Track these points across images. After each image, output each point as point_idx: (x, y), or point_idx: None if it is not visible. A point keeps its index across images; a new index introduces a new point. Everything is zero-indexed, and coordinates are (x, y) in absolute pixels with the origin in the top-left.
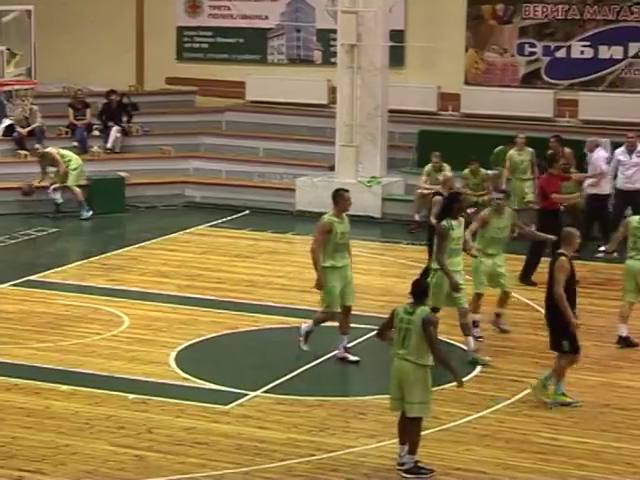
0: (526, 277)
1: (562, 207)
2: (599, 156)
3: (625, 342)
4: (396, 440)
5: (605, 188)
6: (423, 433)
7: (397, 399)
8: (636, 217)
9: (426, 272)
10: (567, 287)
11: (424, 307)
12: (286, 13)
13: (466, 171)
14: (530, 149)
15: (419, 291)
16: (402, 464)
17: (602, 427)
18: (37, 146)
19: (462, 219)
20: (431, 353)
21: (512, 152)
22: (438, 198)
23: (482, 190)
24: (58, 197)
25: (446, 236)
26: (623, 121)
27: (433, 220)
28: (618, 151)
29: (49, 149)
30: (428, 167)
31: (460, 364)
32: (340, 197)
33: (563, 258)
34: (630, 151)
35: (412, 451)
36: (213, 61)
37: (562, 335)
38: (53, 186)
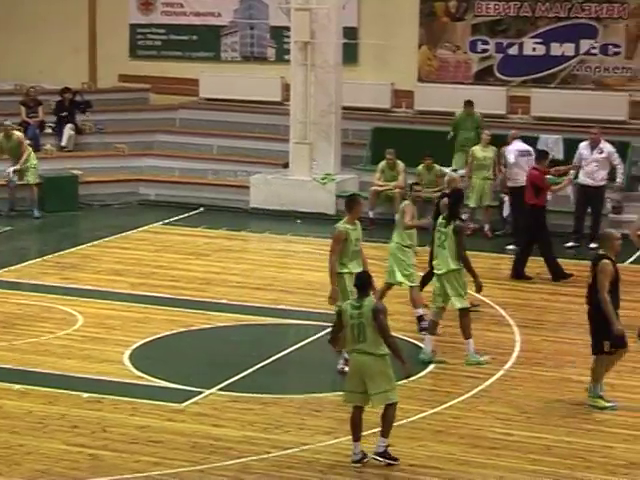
0: (519, 273)
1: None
2: (510, 149)
3: None
4: (351, 437)
5: (519, 181)
6: (378, 429)
7: (357, 392)
8: None
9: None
10: (611, 289)
11: (370, 298)
12: (239, 10)
13: (420, 167)
14: (494, 147)
15: (362, 283)
16: (357, 461)
17: (555, 422)
18: (7, 123)
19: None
20: (384, 340)
21: (476, 148)
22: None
23: (436, 186)
24: (15, 180)
25: (463, 233)
26: (575, 117)
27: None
28: (582, 145)
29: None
30: (382, 164)
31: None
32: (355, 203)
33: (605, 261)
34: (592, 147)
35: (385, 435)
36: (166, 59)
37: (604, 336)
38: (13, 168)
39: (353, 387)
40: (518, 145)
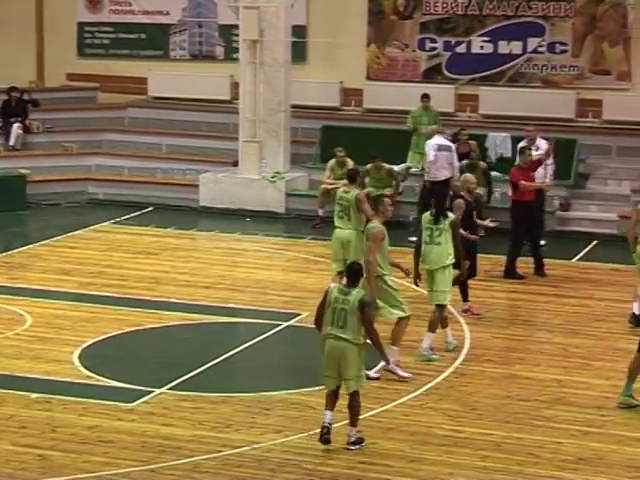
0: (511, 272)
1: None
2: (430, 143)
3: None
4: (301, 435)
5: (438, 175)
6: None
7: (333, 377)
8: None
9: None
10: None
11: (358, 289)
12: (188, 9)
13: (369, 166)
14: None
15: (353, 273)
16: (327, 427)
17: (504, 418)
18: None
19: None
20: (367, 333)
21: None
22: (460, 201)
23: (385, 185)
24: None
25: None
26: (522, 115)
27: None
28: (520, 144)
29: None
30: (331, 162)
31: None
32: (381, 204)
33: None
34: (529, 145)
35: (355, 424)
36: (115, 57)
37: None
38: None
39: (330, 372)
40: (438, 140)
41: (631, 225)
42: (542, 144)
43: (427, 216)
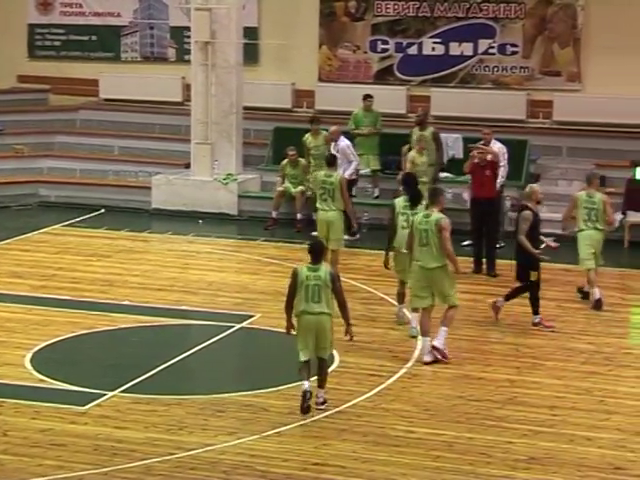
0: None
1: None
2: (345, 144)
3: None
4: (254, 437)
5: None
6: (282, 429)
7: (309, 349)
8: (583, 192)
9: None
10: None
11: (324, 264)
12: (139, 10)
13: (284, 162)
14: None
15: (317, 250)
16: (308, 392)
17: (456, 419)
18: None
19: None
20: (339, 303)
21: (413, 154)
22: (527, 213)
23: (301, 182)
24: None
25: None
26: (474, 116)
27: (521, 237)
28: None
29: None
30: (284, 162)
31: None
32: (440, 194)
33: None
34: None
35: (323, 386)
36: (66, 59)
37: None
38: None
39: (309, 344)
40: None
41: (568, 209)
42: (496, 146)
43: (401, 202)
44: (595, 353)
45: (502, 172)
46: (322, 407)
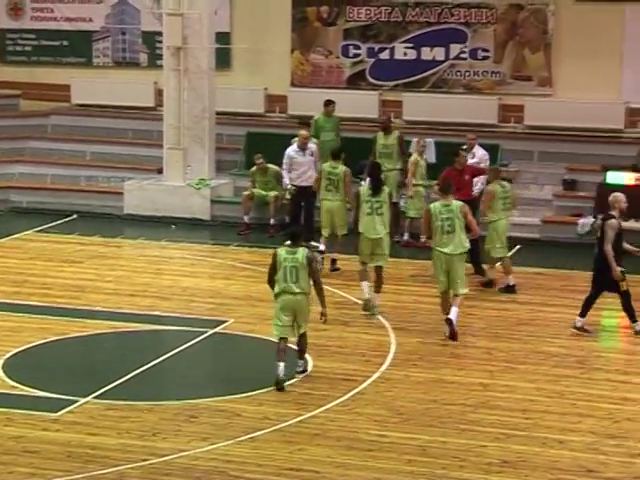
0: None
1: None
2: (313, 148)
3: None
4: (228, 442)
5: (297, 181)
6: (256, 434)
7: (286, 325)
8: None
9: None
10: None
11: (302, 247)
12: (111, 15)
13: (253, 169)
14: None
15: (296, 235)
16: (281, 380)
17: (429, 422)
18: None
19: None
20: (315, 283)
21: (416, 157)
22: (614, 222)
23: (272, 188)
24: None
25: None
26: (446, 121)
27: (608, 247)
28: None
29: None
30: (252, 169)
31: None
32: (450, 185)
33: None
34: (468, 152)
35: (302, 357)
36: (37, 64)
37: None
38: None
39: (285, 322)
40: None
41: (486, 201)
42: (479, 152)
43: (365, 189)
44: (567, 356)
45: (482, 179)
46: (301, 375)
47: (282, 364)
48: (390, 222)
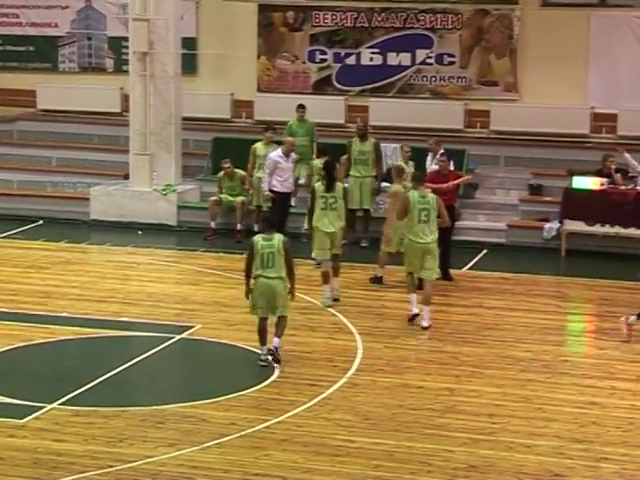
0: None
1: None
2: (294, 156)
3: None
4: (195, 448)
5: (278, 187)
6: (223, 440)
7: (264, 307)
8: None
9: None
10: None
11: (278, 234)
12: (77, 21)
13: (221, 174)
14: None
15: (270, 223)
16: (264, 360)
17: (396, 427)
18: None
19: None
20: (288, 267)
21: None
22: None
23: (239, 193)
24: None
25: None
26: (412, 126)
27: None
28: (428, 157)
29: None
30: (220, 175)
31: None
32: (424, 176)
33: None
34: (432, 157)
35: (279, 335)
36: (2, 70)
37: None
38: None
39: (263, 304)
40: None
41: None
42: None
43: (320, 186)
44: (533, 361)
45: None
46: (278, 352)
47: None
48: (345, 217)
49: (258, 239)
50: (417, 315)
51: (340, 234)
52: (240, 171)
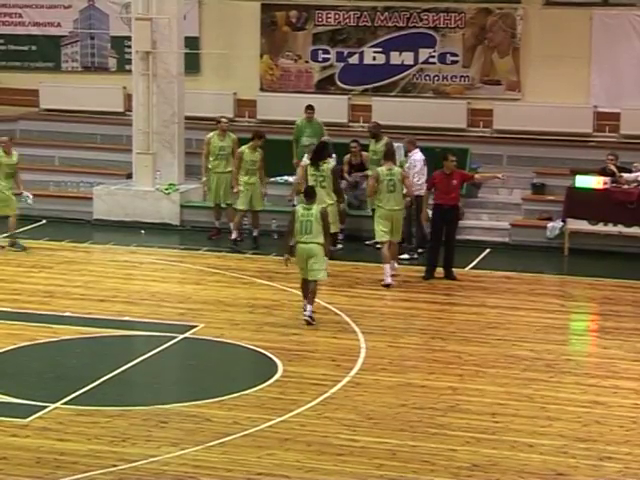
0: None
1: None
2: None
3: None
4: (198, 447)
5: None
6: (226, 439)
7: (303, 269)
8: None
9: None
10: None
11: (316, 204)
12: (79, 20)
13: (210, 134)
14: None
15: (310, 193)
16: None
17: (399, 427)
18: None
19: None
20: (325, 233)
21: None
22: None
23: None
24: None
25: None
26: (415, 125)
27: None
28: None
29: None
30: (210, 134)
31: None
32: (394, 152)
33: None
34: (405, 154)
35: (311, 303)
36: (5, 69)
37: None
38: None
39: (303, 265)
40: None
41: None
42: (415, 156)
43: (310, 166)
44: (536, 360)
45: (416, 181)
46: (312, 321)
47: (309, 306)
48: (337, 194)
49: (299, 208)
50: (390, 285)
51: (332, 210)
52: (233, 135)
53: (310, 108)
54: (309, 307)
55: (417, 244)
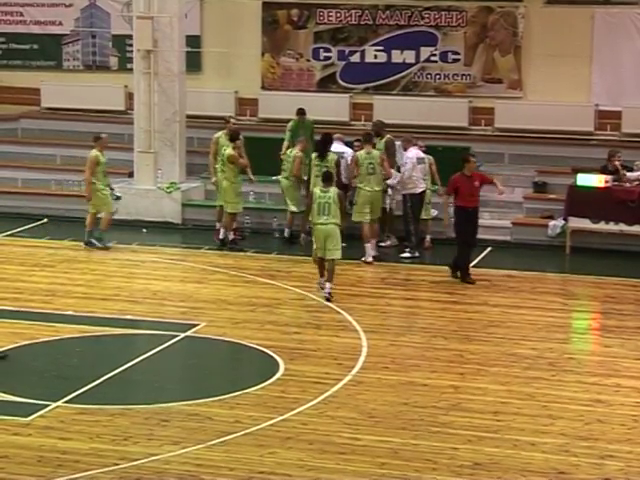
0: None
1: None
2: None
3: None
4: (199, 446)
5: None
6: (227, 438)
7: (322, 249)
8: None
9: None
10: None
11: (333, 187)
12: (81, 19)
13: (218, 133)
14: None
15: (327, 177)
16: (324, 287)
17: (401, 425)
18: None
19: None
20: (340, 214)
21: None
22: None
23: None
24: None
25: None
26: (416, 124)
27: None
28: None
29: None
30: (218, 134)
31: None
32: (372, 138)
33: None
34: (401, 153)
35: (330, 280)
36: (6, 68)
37: None
38: None
39: (321, 246)
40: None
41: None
42: (409, 154)
43: (314, 157)
44: (538, 358)
45: (394, 178)
46: (330, 297)
47: (328, 284)
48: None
49: (317, 190)
50: (371, 263)
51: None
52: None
53: (301, 112)
54: (328, 285)
55: (417, 242)
